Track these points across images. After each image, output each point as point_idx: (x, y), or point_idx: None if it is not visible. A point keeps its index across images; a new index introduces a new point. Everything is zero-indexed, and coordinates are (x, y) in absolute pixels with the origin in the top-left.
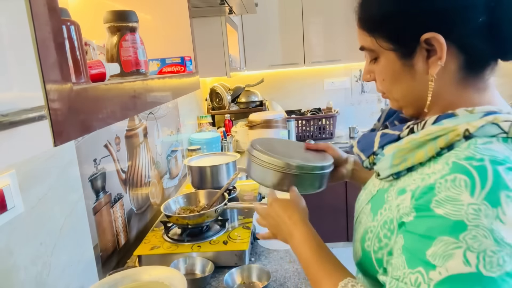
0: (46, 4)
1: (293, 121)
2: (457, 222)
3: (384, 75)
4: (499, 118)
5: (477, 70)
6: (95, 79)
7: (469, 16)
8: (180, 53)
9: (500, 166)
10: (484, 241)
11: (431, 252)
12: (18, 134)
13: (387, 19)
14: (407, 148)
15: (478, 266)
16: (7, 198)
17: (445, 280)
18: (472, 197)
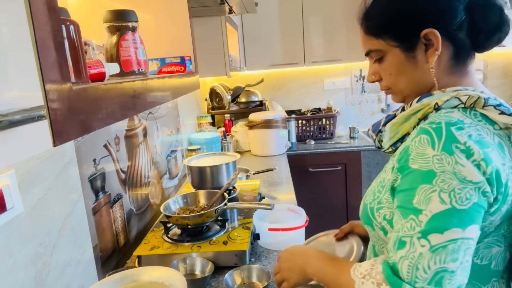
0: (46, 4)
1: (293, 121)
2: (428, 171)
3: (391, 70)
4: (460, 93)
5: (462, 59)
6: (95, 79)
7: (455, 14)
8: (180, 53)
9: (452, 126)
10: (451, 182)
11: (416, 200)
12: (17, 134)
13: (392, 22)
14: (398, 122)
15: (452, 203)
16: (6, 198)
17: (431, 219)
18: (434, 150)
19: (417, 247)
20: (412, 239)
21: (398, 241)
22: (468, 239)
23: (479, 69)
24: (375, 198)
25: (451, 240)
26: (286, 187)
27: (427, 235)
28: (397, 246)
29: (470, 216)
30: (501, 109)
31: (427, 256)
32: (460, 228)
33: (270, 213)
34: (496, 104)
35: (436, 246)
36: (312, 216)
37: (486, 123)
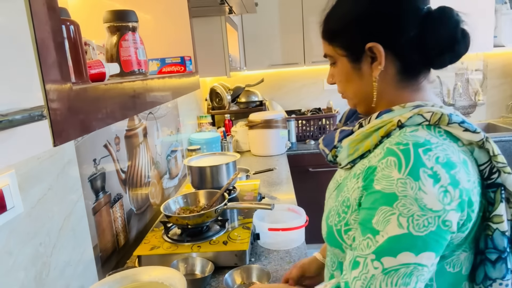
0: (46, 4)
1: (293, 121)
2: (391, 194)
3: (340, 77)
4: (423, 110)
5: (411, 75)
6: (95, 79)
7: (405, 30)
8: (180, 53)
9: (420, 148)
10: (411, 208)
11: (375, 220)
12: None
13: (341, 32)
14: (358, 139)
15: (409, 228)
16: (6, 198)
17: (387, 241)
18: (399, 173)
19: (369, 269)
20: (366, 260)
21: (353, 261)
22: (421, 266)
23: (479, 69)
24: (341, 219)
25: (404, 264)
26: (286, 187)
27: (380, 257)
28: (352, 265)
29: (425, 243)
30: (465, 126)
31: (379, 278)
32: (412, 253)
33: (270, 213)
34: (460, 121)
35: (388, 269)
36: (312, 216)
37: (450, 141)
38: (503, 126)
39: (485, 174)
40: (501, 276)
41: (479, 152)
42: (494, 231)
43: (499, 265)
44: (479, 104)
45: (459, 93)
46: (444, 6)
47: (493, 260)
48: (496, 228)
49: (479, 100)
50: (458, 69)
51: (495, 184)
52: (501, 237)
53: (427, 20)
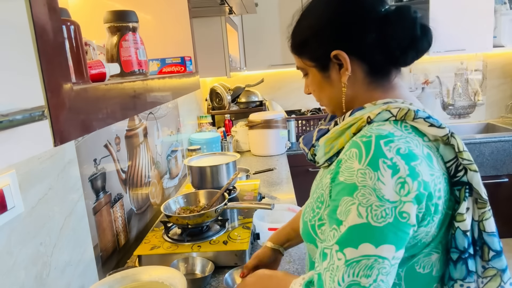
0: (46, 4)
1: (293, 121)
2: (351, 184)
3: (313, 87)
4: (391, 106)
5: (380, 75)
6: (95, 79)
7: (364, 35)
8: (180, 53)
9: (382, 140)
10: (370, 198)
11: (339, 211)
12: (18, 134)
13: (307, 44)
14: (333, 137)
15: (368, 218)
16: (7, 198)
17: (348, 230)
18: (360, 164)
19: (335, 260)
20: (331, 251)
21: (322, 252)
22: (382, 258)
23: (478, 69)
24: (315, 214)
25: (364, 256)
26: (286, 187)
27: (343, 248)
28: (322, 257)
29: (383, 235)
30: (430, 121)
31: (342, 269)
32: (372, 244)
33: (270, 213)
34: (425, 117)
35: (350, 260)
36: None
37: (416, 135)
38: (502, 126)
39: (451, 171)
40: (461, 277)
41: (445, 149)
42: (456, 229)
43: (459, 266)
44: (479, 104)
45: (459, 93)
46: (401, 5)
47: (454, 260)
48: (457, 227)
49: (478, 100)
50: (457, 69)
51: (460, 182)
52: (462, 237)
53: (385, 22)
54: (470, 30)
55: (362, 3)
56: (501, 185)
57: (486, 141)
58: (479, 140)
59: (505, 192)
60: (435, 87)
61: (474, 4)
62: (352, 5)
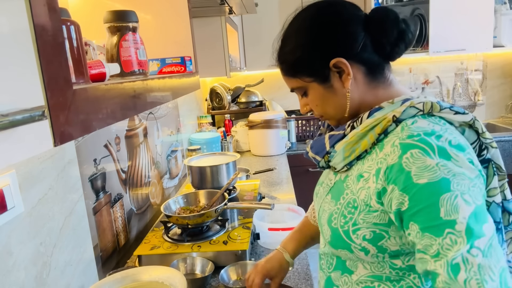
0: (46, 4)
1: (293, 121)
2: (442, 179)
3: (316, 102)
4: (413, 102)
5: (379, 72)
6: (95, 79)
7: (355, 38)
8: (180, 53)
9: (432, 136)
10: (464, 182)
11: (443, 212)
12: (18, 134)
13: (302, 61)
14: (353, 141)
15: (474, 201)
16: (7, 198)
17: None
18: (433, 159)
19: (472, 261)
20: (463, 256)
21: (450, 267)
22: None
23: (478, 69)
24: (347, 220)
25: (491, 237)
26: (286, 187)
27: (473, 242)
28: (453, 273)
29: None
30: (455, 109)
31: (485, 263)
32: (487, 222)
33: (270, 213)
34: (449, 107)
35: (485, 249)
36: None
37: (449, 125)
38: (502, 126)
39: (476, 151)
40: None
41: (469, 132)
42: (491, 204)
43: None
44: (479, 104)
45: (459, 93)
46: (376, 7)
47: None
48: (492, 201)
49: (478, 100)
50: (457, 69)
51: (485, 160)
52: (496, 209)
53: (369, 22)
54: (470, 30)
55: (341, 10)
56: None
57: None
58: None
59: None
60: (435, 87)
61: (474, 4)
62: (332, 14)
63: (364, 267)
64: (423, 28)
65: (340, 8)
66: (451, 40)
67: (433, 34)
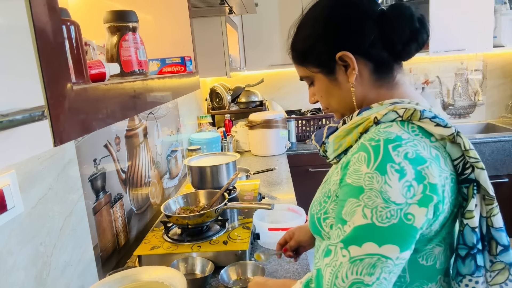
0: (46, 4)
1: (293, 121)
2: (358, 187)
3: (321, 93)
4: (397, 107)
5: (385, 71)
6: (95, 79)
7: (365, 34)
8: (180, 53)
9: (390, 145)
10: (375, 200)
11: (344, 211)
12: (18, 134)
13: (310, 51)
14: (341, 135)
15: (372, 219)
16: (7, 198)
17: (353, 230)
18: (368, 168)
19: (339, 256)
20: (336, 248)
21: (325, 249)
22: (385, 258)
23: (478, 69)
24: (321, 208)
25: (368, 254)
26: (286, 187)
27: (348, 245)
28: (324, 253)
29: (388, 235)
30: (436, 121)
31: (346, 266)
32: (376, 244)
33: (270, 213)
34: (431, 117)
35: (354, 257)
36: None
37: (422, 137)
38: (502, 126)
39: (459, 169)
40: (470, 272)
41: (452, 147)
42: (465, 226)
43: (468, 261)
44: (479, 104)
45: (459, 93)
46: (396, 2)
47: (462, 256)
48: (466, 224)
49: (478, 100)
50: (457, 69)
51: (468, 179)
52: (470, 233)
53: (383, 19)
54: (470, 30)
55: (357, 3)
56: (501, 185)
57: (486, 141)
58: (479, 140)
59: (505, 192)
60: (435, 87)
61: (474, 4)
62: (348, 6)
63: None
64: None
65: (358, 1)
66: (451, 40)
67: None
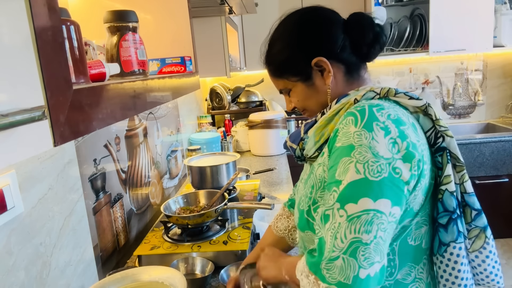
0: (46, 4)
1: (293, 121)
2: (349, 145)
3: (298, 98)
4: (373, 87)
5: (355, 72)
6: (95, 79)
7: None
8: (180, 53)
9: (374, 107)
10: (366, 155)
11: (337, 172)
12: (18, 134)
13: (287, 63)
14: (322, 125)
15: (365, 173)
16: (7, 198)
17: (347, 186)
18: (355, 127)
19: (337, 218)
20: (333, 210)
21: (323, 216)
22: (380, 213)
23: (478, 69)
24: (308, 200)
25: (364, 210)
26: (286, 187)
27: (344, 204)
28: (323, 220)
29: (380, 189)
30: (409, 95)
31: (344, 225)
32: (370, 198)
33: (270, 213)
34: (404, 92)
35: (351, 216)
36: None
37: (400, 107)
38: (502, 126)
39: (431, 140)
40: (453, 238)
41: (424, 119)
42: (444, 192)
43: (451, 227)
44: (479, 104)
45: (459, 93)
46: (354, 12)
47: (444, 224)
48: (445, 189)
49: (478, 100)
50: (457, 69)
51: (440, 148)
52: (450, 197)
53: (347, 26)
54: (470, 30)
55: (322, 14)
56: (501, 185)
57: (486, 141)
58: (479, 140)
59: (505, 192)
60: (435, 87)
61: (474, 4)
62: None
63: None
64: (423, 28)
65: (321, 12)
66: (451, 40)
67: (433, 34)
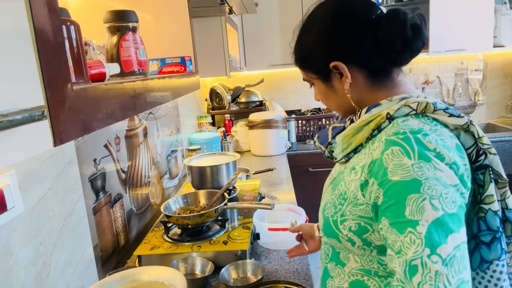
0: (46, 4)
1: (293, 121)
2: (412, 180)
3: (320, 95)
4: (409, 101)
5: (381, 76)
6: (95, 79)
7: (358, 44)
8: (180, 53)
9: (418, 134)
10: (437, 188)
11: (408, 211)
12: (18, 134)
13: (307, 58)
14: (350, 134)
15: (443, 208)
16: (7, 198)
17: (430, 227)
18: (411, 159)
19: (430, 266)
20: (422, 259)
21: (408, 268)
22: (464, 243)
23: (478, 69)
24: (337, 211)
25: (456, 247)
26: (286, 187)
27: (435, 249)
28: (409, 273)
29: (459, 219)
30: (450, 112)
31: (443, 271)
32: (456, 232)
33: (270, 213)
34: (444, 108)
35: (447, 258)
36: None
37: (441, 127)
38: (502, 126)
39: (472, 157)
40: (497, 256)
41: (465, 136)
42: (487, 212)
43: (494, 246)
44: (479, 104)
45: (459, 93)
46: (390, 9)
47: (487, 242)
48: (488, 209)
49: (478, 100)
50: (457, 69)
51: (482, 166)
52: (493, 217)
53: (376, 26)
54: (470, 30)
55: (354, 13)
56: None
57: None
58: None
59: None
60: (435, 87)
61: (474, 4)
62: (345, 17)
63: (355, 260)
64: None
65: (353, 8)
66: (451, 40)
67: (433, 34)
